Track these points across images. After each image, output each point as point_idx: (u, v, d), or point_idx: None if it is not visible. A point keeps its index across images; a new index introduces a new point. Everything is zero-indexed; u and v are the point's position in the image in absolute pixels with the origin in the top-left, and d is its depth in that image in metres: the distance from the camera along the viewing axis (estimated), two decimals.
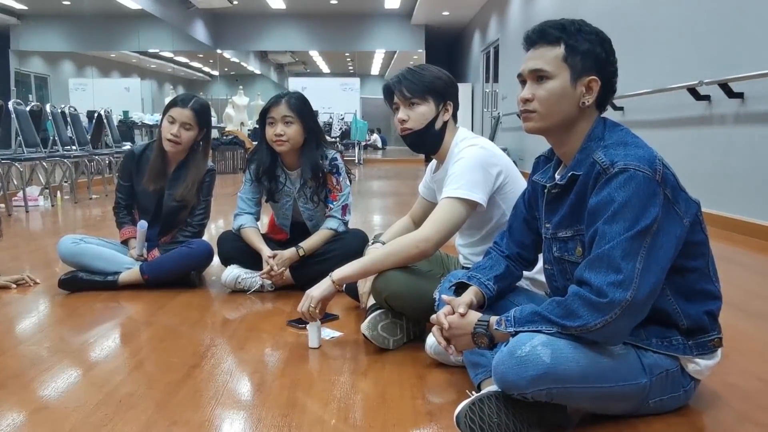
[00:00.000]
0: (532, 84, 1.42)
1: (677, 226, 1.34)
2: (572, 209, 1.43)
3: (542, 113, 1.41)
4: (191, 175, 2.77)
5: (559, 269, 1.50)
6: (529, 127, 1.45)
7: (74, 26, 16.11)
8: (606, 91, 1.42)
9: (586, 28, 1.40)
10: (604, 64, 1.40)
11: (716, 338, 1.44)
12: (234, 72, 19.82)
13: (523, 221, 1.65)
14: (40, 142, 6.10)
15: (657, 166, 1.32)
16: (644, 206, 1.29)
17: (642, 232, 1.28)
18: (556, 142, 1.48)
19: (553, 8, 8.26)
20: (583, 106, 1.41)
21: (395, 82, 1.99)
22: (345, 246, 2.57)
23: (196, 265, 2.78)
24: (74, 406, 1.54)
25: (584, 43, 1.38)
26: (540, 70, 1.40)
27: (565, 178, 1.43)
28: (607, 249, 1.29)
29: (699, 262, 1.42)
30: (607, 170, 1.32)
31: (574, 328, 1.29)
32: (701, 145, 4.58)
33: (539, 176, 1.58)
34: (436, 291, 1.79)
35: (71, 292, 2.65)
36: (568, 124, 1.42)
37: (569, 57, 1.38)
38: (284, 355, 1.92)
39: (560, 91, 1.39)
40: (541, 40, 1.41)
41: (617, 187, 1.30)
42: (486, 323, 1.41)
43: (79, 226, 4.74)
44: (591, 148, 1.40)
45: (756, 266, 3.35)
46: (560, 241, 1.47)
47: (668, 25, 5.07)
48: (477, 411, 1.33)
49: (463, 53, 16.92)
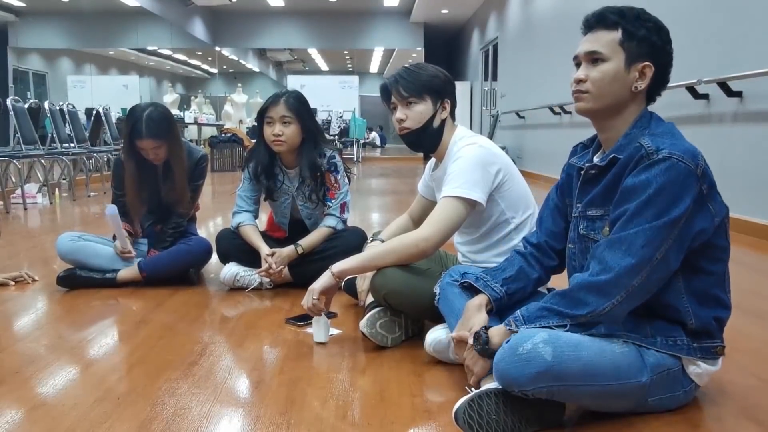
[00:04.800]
0: (587, 65, 1.44)
1: (705, 221, 1.36)
2: (607, 189, 1.44)
3: (594, 94, 1.42)
4: (177, 169, 2.75)
5: (581, 248, 1.52)
6: (579, 107, 1.46)
7: (73, 23, 16.09)
8: (659, 80, 1.44)
9: (645, 16, 1.42)
10: (659, 52, 1.42)
11: (720, 346, 1.45)
12: (233, 69, 19.80)
13: (555, 208, 1.66)
14: (38, 140, 6.09)
15: (700, 161, 1.34)
16: (678, 197, 1.31)
17: (670, 224, 1.31)
18: (602, 126, 1.49)
19: (552, 7, 8.25)
20: (635, 91, 1.42)
21: (392, 81, 1.99)
22: (344, 244, 2.57)
23: (195, 263, 2.78)
24: (72, 404, 1.54)
25: (641, 30, 1.40)
26: (595, 52, 1.41)
27: (606, 160, 1.44)
28: (632, 233, 1.32)
29: (718, 267, 1.43)
30: (651, 155, 1.34)
31: (583, 315, 1.34)
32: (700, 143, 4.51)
33: (576, 160, 1.59)
34: (436, 286, 1.80)
35: (69, 289, 2.65)
36: (617, 107, 1.44)
37: (625, 41, 1.40)
38: (283, 353, 1.92)
39: (614, 74, 1.40)
40: (599, 24, 1.43)
41: (658, 173, 1.32)
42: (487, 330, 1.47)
43: (77, 224, 4.74)
44: (636, 134, 1.41)
45: (754, 265, 3.35)
46: (588, 219, 1.49)
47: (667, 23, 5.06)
48: (476, 408, 1.33)
49: (461, 51, 16.91)
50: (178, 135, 2.77)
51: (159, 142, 2.64)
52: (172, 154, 2.71)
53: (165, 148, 2.68)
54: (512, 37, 10.64)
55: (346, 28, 16.92)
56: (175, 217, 2.81)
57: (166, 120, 2.67)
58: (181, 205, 2.80)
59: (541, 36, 8.61)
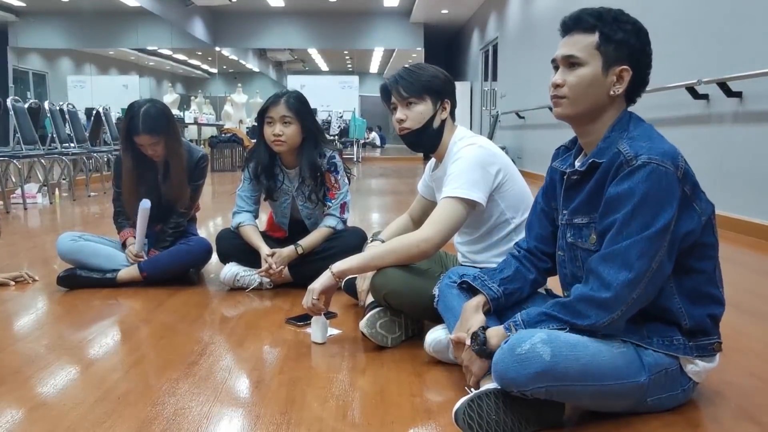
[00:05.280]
0: (564, 70, 1.43)
1: (692, 222, 1.36)
2: (590, 197, 1.44)
3: (572, 99, 1.42)
4: (176, 167, 2.76)
5: (570, 256, 1.51)
6: (558, 113, 1.46)
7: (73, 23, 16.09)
8: (638, 82, 1.43)
9: (623, 18, 1.40)
10: (638, 55, 1.40)
11: (716, 342, 1.45)
12: (233, 70, 19.80)
13: (541, 212, 1.66)
14: (38, 140, 6.09)
15: (680, 162, 1.34)
16: (663, 203, 1.31)
17: (660, 232, 1.30)
18: (582, 130, 1.48)
19: (552, 6, 8.26)
20: (613, 95, 1.41)
21: (392, 82, 1.99)
22: (344, 244, 2.57)
23: (195, 263, 2.78)
24: (73, 404, 1.54)
25: (619, 33, 1.38)
26: (572, 57, 1.40)
27: (586, 165, 1.43)
28: (624, 246, 1.31)
29: (708, 265, 1.43)
30: (630, 161, 1.33)
31: (583, 326, 1.35)
32: (699, 144, 4.58)
33: (558, 163, 1.58)
34: (435, 287, 1.80)
35: (70, 289, 2.65)
36: (596, 112, 1.43)
37: (602, 45, 1.38)
38: (283, 353, 1.92)
39: (591, 78, 1.40)
40: (576, 27, 1.41)
41: (639, 180, 1.31)
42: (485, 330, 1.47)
43: (77, 224, 4.74)
44: (614, 138, 1.41)
45: (754, 265, 3.35)
46: (575, 227, 1.48)
47: (667, 23, 5.07)
48: (476, 408, 1.33)
49: (461, 51, 16.91)
50: (177, 132, 2.77)
51: (156, 137, 2.65)
52: (169, 151, 2.72)
53: (162, 144, 2.69)
54: (512, 37, 10.64)
55: (346, 28, 16.92)
56: (175, 217, 2.81)
57: (164, 116, 2.68)
58: (181, 202, 2.80)
59: (541, 36, 8.61)
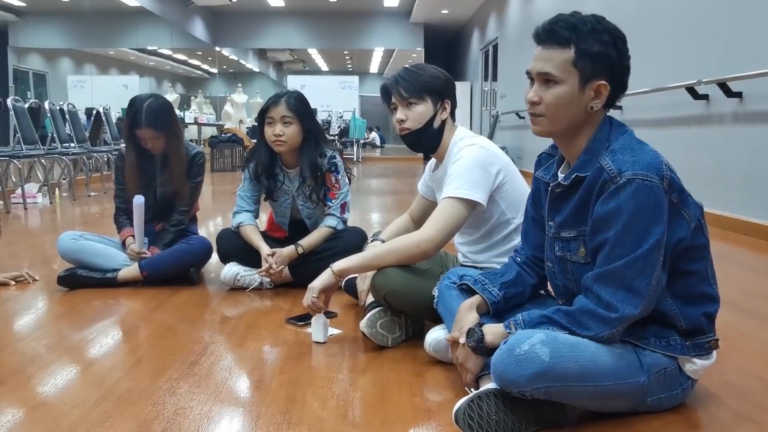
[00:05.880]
0: (540, 86, 1.39)
1: (681, 230, 1.35)
2: (576, 211, 1.42)
3: (550, 118, 1.40)
4: (175, 161, 2.77)
5: (560, 268, 1.51)
6: (537, 131, 1.44)
7: (73, 23, 16.10)
8: (616, 91, 1.40)
9: (599, 27, 1.34)
10: (615, 66, 1.36)
11: (713, 340, 1.45)
12: (233, 70, 19.80)
13: (533, 221, 1.65)
14: (38, 140, 6.09)
15: (664, 172, 1.32)
16: (653, 219, 1.29)
17: (653, 248, 1.29)
18: (562, 143, 1.47)
19: (552, 6, 8.25)
20: (591, 111, 1.39)
21: (392, 82, 1.99)
22: (344, 243, 2.57)
23: (195, 262, 2.78)
24: (73, 403, 1.54)
25: (596, 45, 1.33)
26: (548, 74, 1.36)
27: (569, 179, 1.42)
28: (620, 266, 1.30)
29: (699, 265, 1.42)
30: (614, 179, 1.31)
31: (584, 336, 1.34)
32: (699, 144, 4.58)
33: (542, 173, 1.57)
34: (435, 288, 1.81)
35: (70, 289, 2.65)
36: (575, 127, 1.41)
37: (579, 61, 1.34)
38: (283, 353, 1.92)
39: (568, 97, 1.36)
40: (550, 40, 1.36)
41: (626, 198, 1.29)
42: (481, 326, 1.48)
43: (77, 224, 4.74)
44: (596, 149, 1.39)
45: (753, 265, 3.35)
46: (563, 240, 1.48)
47: (667, 24, 5.08)
48: (476, 408, 1.33)
49: (462, 51, 16.91)
50: (178, 127, 2.80)
51: (158, 132, 2.68)
52: (169, 146, 2.75)
53: (163, 139, 2.71)
54: (512, 37, 10.64)
55: (346, 28, 16.92)
56: (176, 214, 2.82)
57: (166, 111, 2.71)
58: (180, 198, 2.81)
59: None
